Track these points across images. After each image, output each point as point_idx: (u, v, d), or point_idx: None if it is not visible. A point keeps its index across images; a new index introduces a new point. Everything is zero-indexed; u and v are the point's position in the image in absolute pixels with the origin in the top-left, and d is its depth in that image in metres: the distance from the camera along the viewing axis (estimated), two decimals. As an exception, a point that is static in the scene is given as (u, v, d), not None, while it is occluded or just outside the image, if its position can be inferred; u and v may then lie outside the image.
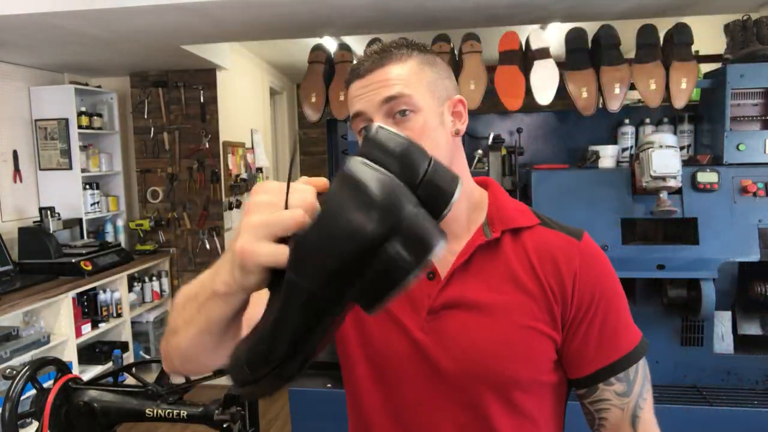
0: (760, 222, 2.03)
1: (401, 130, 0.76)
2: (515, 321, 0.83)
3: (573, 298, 0.84)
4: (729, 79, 2.12)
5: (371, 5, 2.44)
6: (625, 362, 0.86)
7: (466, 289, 0.85)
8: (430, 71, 0.85)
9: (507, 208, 0.90)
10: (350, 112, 0.88)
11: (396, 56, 0.84)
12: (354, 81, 0.86)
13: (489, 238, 0.86)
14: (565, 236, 0.88)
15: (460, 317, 0.85)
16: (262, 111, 5.32)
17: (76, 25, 2.61)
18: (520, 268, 0.85)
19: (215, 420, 1.11)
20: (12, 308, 2.70)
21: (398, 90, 0.81)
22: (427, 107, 0.83)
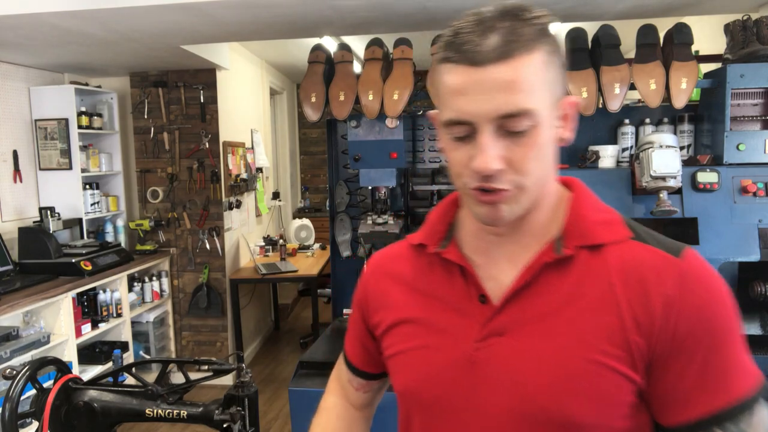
0: (760, 222, 2.03)
1: (511, 146, 0.66)
2: (580, 354, 0.69)
3: (664, 330, 0.67)
4: (729, 79, 2.12)
5: (371, 5, 2.44)
6: (737, 410, 0.68)
7: (524, 313, 0.72)
8: (554, 66, 0.69)
9: (587, 218, 0.74)
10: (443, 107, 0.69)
11: (524, 41, 0.65)
12: (461, 65, 0.66)
13: (558, 255, 0.72)
14: (660, 252, 0.70)
15: (512, 346, 0.72)
16: (262, 111, 5.32)
17: (76, 25, 2.61)
18: (594, 291, 0.70)
19: (215, 420, 1.11)
20: (12, 308, 2.70)
21: (524, 104, 0.64)
22: (546, 119, 0.68)
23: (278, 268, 4.29)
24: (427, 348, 0.78)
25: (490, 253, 0.77)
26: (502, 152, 0.66)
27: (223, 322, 4.18)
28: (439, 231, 0.82)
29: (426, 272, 0.82)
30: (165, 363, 1.20)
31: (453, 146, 0.69)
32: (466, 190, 0.70)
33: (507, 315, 0.73)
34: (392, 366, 0.83)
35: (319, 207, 6.85)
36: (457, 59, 0.66)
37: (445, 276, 0.79)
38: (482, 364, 0.73)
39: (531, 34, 0.66)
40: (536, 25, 0.66)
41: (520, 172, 0.67)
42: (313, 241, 5.33)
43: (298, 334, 5.22)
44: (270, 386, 4.10)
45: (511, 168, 0.67)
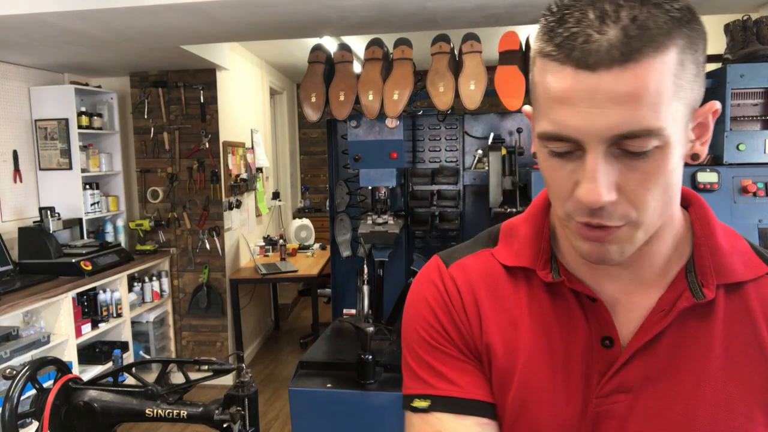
0: (760, 222, 2.03)
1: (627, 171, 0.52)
2: (721, 421, 0.58)
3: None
4: (729, 79, 2.12)
5: (371, 5, 2.44)
6: None
7: (654, 368, 0.60)
8: (691, 65, 0.52)
9: (723, 249, 0.61)
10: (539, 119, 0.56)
11: (655, 37, 0.48)
12: (568, 66, 0.50)
13: (701, 300, 0.59)
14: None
15: (641, 408, 0.60)
16: (262, 111, 5.32)
17: (76, 25, 2.61)
18: (738, 342, 0.59)
19: (215, 420, 1.11)
20: (12, 308, 2.70)
21: (649, 122, 0.49)
22: (675, 137, 0.52)
23: (278, 268, 4.29)
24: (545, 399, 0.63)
25: (601, 282, 0.63)
26: (616, 178, 0.52)
27: (223, 322, 4.18)
28: (543, 251, 0.66)
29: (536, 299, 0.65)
30: (165, 363, 1.20)
31: (552, 164, 0.56)
32: (567, 220, 0.57)
33: (635, 368, 0.60)
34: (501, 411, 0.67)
35: (319, 207, 6.85)
36: (563, 58, 0.50)
37: (563, 306, 0.64)
38: (603, 425, 0.61)
39: (664, 22, 0.49)
40: (670, 17, 0.49)
41: (636, 206, 0.53)
42: (313, 241, 5.33)
43: (298, 334, 5.22)
44: (270, 386, 4.10)
45: (625, 199, 0.53)
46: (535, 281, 0.66)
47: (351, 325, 2.52)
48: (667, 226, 0.61)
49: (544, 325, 0.64)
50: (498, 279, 0.67)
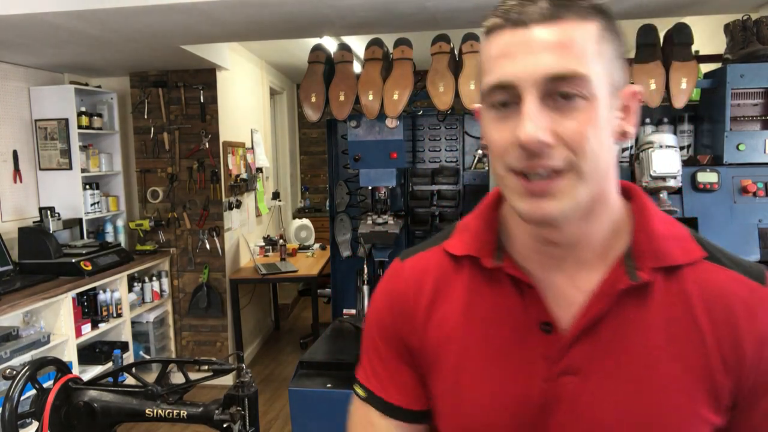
0: (760, 222, 2.03)
1: (560, 119, 0.57)
2: (662, 400, 0.61)
3: (754, 369, 0.61)
4: (729, 79, 2.12)
5: (371, 5, 2.44)
6: None
7: (597, 350, 0.63)
8: (611, 44, 0.60)
9: (659, 234, 0.64)
10: (484, 74, 0.61)
11: (577, 8, 0.58)
12: (506, 28, 0.59)
13: (636, 282, 0.62)
14: (744, 279, 0.63)
15: (587, 389, 0.63)
16: (262, 111, 5.32)
17: (76, 25, 2.61)
18: (676, 324, 0.62)
19: (215, 420, 1.11)
20: (12, 308, 2.70)
21: (574, 67, 0.56)
22: (601, 96, 0.58)
23: (278, 268, 4.29)
24: (485, 383, 0.67)
25: (545, 269, 0.66)
26: (551, 124, 0.57)
27: (223, 322, 4.18)
28: (489, 240, 0.69)
29: (476, 290, 0.69)
30: (165, 363, 1.20)
31: (494, 124, 0.60)
32: (508, 178, 0.60)
33: (580, 350, 0.63)
34: (441, 406, 0.71)
35: (319, 207, 6.85)
36: (501, 24, 0.59)
37: (500, 295, 0.68)
38: (553, 408, 0.64)
39: (584, 5, 0.59)
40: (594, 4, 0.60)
41: (574, 150, 0.57)
42: (313, 241, 5.33)
43: (298, 334, 5.22)
44: (270, 386, 4.10)
45: (563, 144, 0.57)
46: (478, 270, 0.69)
47: (351, 325, 2.52)
48: (604, 208, 0.64)
49: (481, 311, 0.68)
50: (446, 270, 0.72)
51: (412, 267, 0.74)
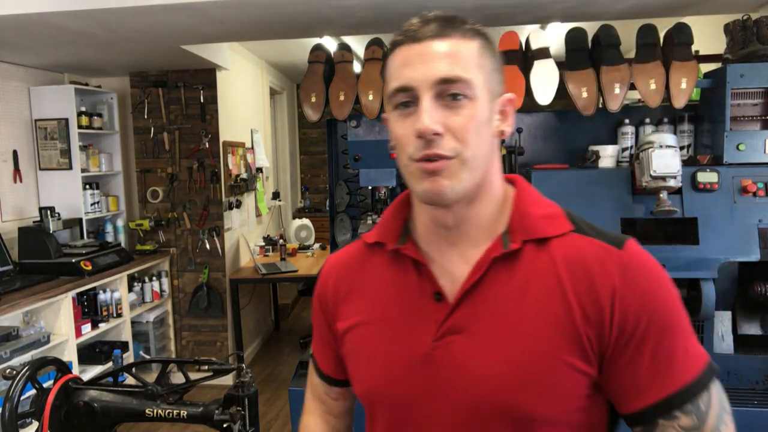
0: (760, 222, 2.03)
1: (450, 114, 0.70)
2: (534, 350, 0.71)
3: (613, 321, 0.70)
4: (729, 79, 2.12)
5: (371, 5, 2.44)
6: (691, 391, 0.71)
7: (477, 311, 0.74)
8: (490, 59, 0.74)
9: (531, 213, 0.77)
10: (389, 82, 0.74)
11: (462, 30, 0.73)
12: (405, 44, 0.73)
13: (506, 249, 0.74)
14: (603, 244, 0.73)
15: (468, 344, 0.74)
16: (262, 111, 5.32)
17: (76, 25, 2.61)
18: (543, 285, 0.72)
19: (215, 420, 1.11)
20: (12, 308, 2.70)
21: (461, 71, 0.70)
22: (481, 98, 0.72)
23: (278, 268, 4.29)
24: (385, 349, 0.79)
25: (441, 249, 0.79)
26: (442, 119, 0.70)
27: (223, 322, 4.18)
28: (396, 228, 0.83)
29: (382, 270, 0.83)
30: (165, 363, 1.20)
31: (399, 122, 0.74)
32: (410, 166, 0.73)
33: (462, 312, 0.75)
34: (352, 369, 0.85)
35: (319, 207, 6.85)
36: (401, 40, 0.74)
37: (401, 273, 0.81)
38: (440, 362, 0.75)
39: (466, 27, 0.74)
40: (472, 26, 0.74)
41: (459, 140, 0.70)
42: (313, 241, 5.33)
43: (298, 334, 5.22)
44: (270, 386, 4.10)
45: (451, 136, 0.70)
46: (385, 253, 0.83)
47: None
48: (487, 193, 0.77)
49: (385, 287, 0.82)
50: (360, 257, 0.87)
51: (335, 258, 0.91)
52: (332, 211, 2.83)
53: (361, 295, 0.84)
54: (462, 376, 0.73)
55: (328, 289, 0.89)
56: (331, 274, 0.89)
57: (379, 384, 0.80)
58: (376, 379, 0.80)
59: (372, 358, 0.80)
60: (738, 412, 2.15)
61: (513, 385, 0.71)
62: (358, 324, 0.83)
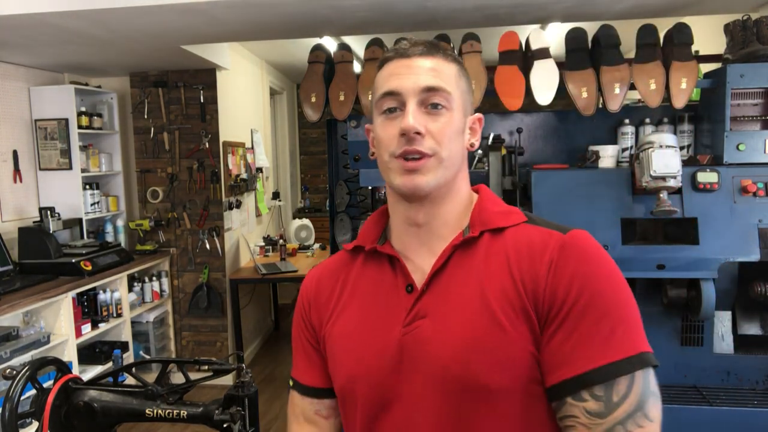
0: (760, 222, 2.03)
1: (430, 120, 0.80)
2: (486, 324, 0.76)
3: (545, 292, 0.75)
4: (729, 79, 2.12)
5: (371, 5, 2.44)
6: (603, 374, 0.71)
7: (440, 296, 0.81)
8: (465, 82, 0.86)
9: (489, 210, 0.86)
10: (378, 90, 0.84)
11: (444, 54, 0.84)
12: (396, 59, 0.84)
13: (465, 236, 0.83)
14: (549, 231, 0.81)
15: (432, 326, 0.80)
16: (262, 111, 5.32)
17: (76, 25, 2.61)
18: (495, 268, 0.80)
19: (215, 420, 1.11)
20: (12, 308, 2.70)
21: (443, 83, 0.81)
22: (457, 110, 0.83)
23: (278, 268, 4.29)
24: (362, 340, 0.85)
25: (413, 246, 0.87)
26: (424, 123, 0.80)
27: (223, 322, 4.18)
28: (375, 233, 0.92)
29: (361, 270, 0.90)
30: (165, 363, 1.20)
31: (383, 125, 0.83)
32: (391, 162, 0.82)
33: (427, 299, 0.82)
34: (332, 365, 0.90)
35: (319, 207, 6.85)
36: (392, 56, 0.84)
37: (378, 270, 0.88)
38: (409, 346, 0.81)
39: (448, 53, 0.85)
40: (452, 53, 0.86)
41: (437, 142, 0.80)
42: (313, 241, 5.33)
43: (298, 334, 5.22)
44: (270, 386, 4.10)
45: (431, 138, 0.80)
46: (365, 255, 0.91)
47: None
48: (455, 195, 0.86)
49: (364, 284, 0.89)
50: (342, 264, 0.94)
51: (316, 271, 0.97)
52: (332, 211, 2.83)
53: (342, 297, 0.90)
54: (427, 356, 0.79)
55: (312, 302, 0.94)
56: (312, 287, 0.96)
57: (356, 373, 0.85)
58: (353, 368, 0.85)
59: (350, 349, 0.86)
60: (738, 412, 2.15)
61: (469, 359, 0.76)
62: (338, 322, 0.89)
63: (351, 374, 0.86)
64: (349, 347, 0.87)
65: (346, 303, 0.89)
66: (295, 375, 0.97)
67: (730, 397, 2.09)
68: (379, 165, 0.86)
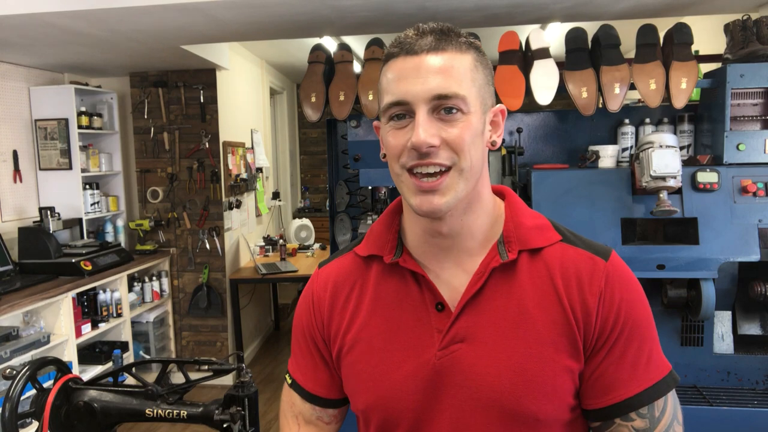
0: (760, 222, 2.03)
1: (444, 127, 0.72)
2: (534, 354, 0.75)
3: (596, 323, 0.75)
4: (729, 79, 2.12)
5: (371, 5, 2.44)
6: (648, 396, 0.76)
7: (479, 319, 0.77)
8: (482, 72, 0.76)
9: (524, 224, 0.80)
10: (384, 95, 0.75)
11: (457, 44, 0.73)
12: (401, 56, 0.73)
13: (505, 260, 0.77)
14: (591, 255, 0.78)
15: (473, 351, 0.76)
16: (262, 111, 5.32)
17: (76, 25, 2.61)
18: (540, 293, 0.76)
19: (215, 420, 1.11)
20: (12, 308, 2.70)
21: (455, 89, 0.71)
22: (475, 112, 0.73)
23: (278, 268, 4.29)
24: (390, 361, 0.80)
25: (438, 259, 0.80)
26: (437, 131, 0.72)
27: (223, 322, 4.18)
28: (390, 240, 0.84)
29: (381, 283, 0.83)
30: (165, 363, 1.19)
31: (392, 133, 0.75)
32: (403, 175, 0.75)
33: (464, 321, 0.77)
34: (354, 384, 0.84)
35: (319, 207, 6.85)
36: (397, 52, 0.74)
37: (401, 285, 0.82)
38: (447, 370, 0.77)
39: (461, 41, 0.74)
40: (466, 39, 0.75)
41: (456, 151, 0.72)
42: (313, 241, 5.33)
43: (298, 334, 5.22)
44: (270, 386, 4.10)
45: (447, 146, 0.72)
46: (382, 265, 0.83)
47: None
48: (479, 204, 0.79)
49: (386, 300, 0.82)
50: (355, 270, 0.86)
51: (327, 272, 0.89)
52: (332, 211, 2.83)
53: (361, 309, 0.84)
54: (469, 383, 0.76)
55: (323, 304, 0.87)
56: (326, 288, 0.87)
57: (386, 395, 0.80)
58: (383, 390, 0.80)
59: (376, 370, 0.81)
60: (738, 412, 2.15)
61: (518, 390, 0.74)
62: (360, 338, 0.83)
63: (380, 397, 0.81)
64: (374, 368, 0.81)
65: (368, 315, 0.83)
66: (295, 376, 0.92)
67: (730, 397, 2.09)
68: (391, 173, 0.78)
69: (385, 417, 0.81)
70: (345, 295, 0.85)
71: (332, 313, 0.86)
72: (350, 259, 0.88)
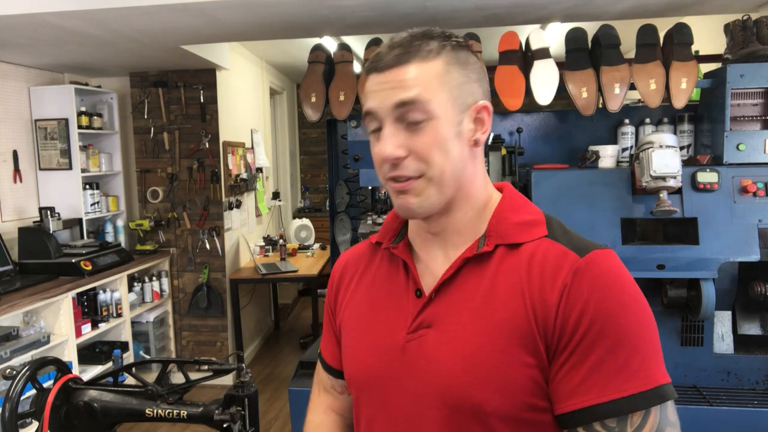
0: (760, 222, 2.03)
1: (412, 136, 0.74)
2: (487, 344, 0.74)
3: (557, 320, 0.72)
4: (729, 79, 2.12)
5: (371, 5, 2.44)
6: (618, 408, 0.69)
7: (448, 307, 0.79)
8: (457, 73, 0.76)
9: (509, 220, 0.80)
10: (363, 106, 0.80)
11: (422, 53, 0.75)
12: (372, 74, 0.78)
13: (477, 251, 0.78)
14: (566, 250, 0.75)
15: (436, 337, 0.78)
16: (262, 111, 5.32)
17: (76, 25, 2.61)
18: (506, 286, 0.76)
19: (215, 420, 1.11)
20: (12, 308, 2.70)
21: (414, 94, 0.73)
22: (444, 115, 0.74)
23: (278, 268, 4.29)
24: (370, 337, 0.86)
25: (429, 250, 0.85)
26: (404, 141, 0.75)
27: (223, 322, 4.18)
28: (393, 229, 0.91)
29: (380, 266, 0.90)
30: (165, 363, 1.20)
31: (373, 144, 0.79)
32: (386, 184, 0.79)
33: (434, 308, 0.80)
34: (343, 354, 0.92)
35: (319, 207, 6.85)
36: (369, 69, 0.79)
37: (393, 270, 0.88)
38: (411, 353, 0.80)
39: (430, 48, 0.76)
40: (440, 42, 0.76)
41: (423, 161, 0.75)
42: (313, 241, 5.33)
43: (298, 334, 5.22)
44: (270, 386, 4.10)
45: (415, 158, 0.75)
46: (384, 252, 0.90)
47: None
48: (469, 200, 0.81)
49: (378, 283, 0.89)
50: (366, 254, 0.94)
51: (347, 255, 0.99)
52: (332, 211, 2.83)
53: (358, 289, 0.91)
54: (428, 368, 0.78)
55: (337, 286, 0.96)
56: (339, 269, 0.97)
57: (360, 368, 0.87)
58: (359, 363, 0.87)
59: (358, 344, 0.88)
60: (738, 412, 2.15)
61: (467, 378, 0.75)
62: (352, 313, 0.91)
63: (356, 369, 0.88)
64: (357, 342, 0.88)
65: (360, 296, 0.90)
66: (321, 346, 1.02)
67: (730, 397, 2.09)
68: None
69: (357, 393, 0.89)
70: (350, 275, 0.94)
71: (339, 290, 0.95)
72: (366, 244, 0.96)
